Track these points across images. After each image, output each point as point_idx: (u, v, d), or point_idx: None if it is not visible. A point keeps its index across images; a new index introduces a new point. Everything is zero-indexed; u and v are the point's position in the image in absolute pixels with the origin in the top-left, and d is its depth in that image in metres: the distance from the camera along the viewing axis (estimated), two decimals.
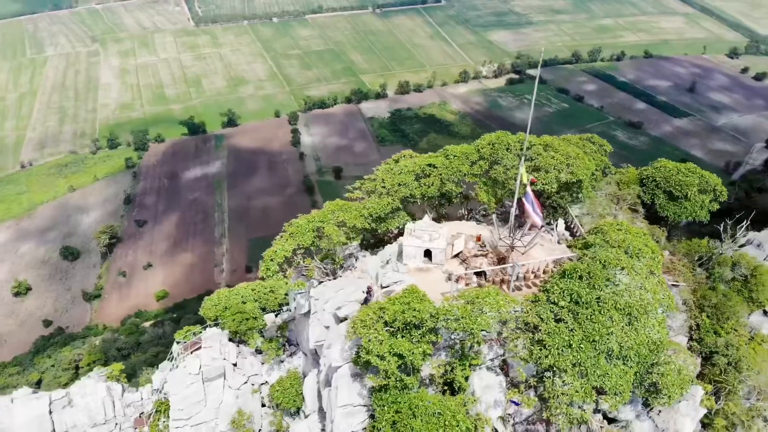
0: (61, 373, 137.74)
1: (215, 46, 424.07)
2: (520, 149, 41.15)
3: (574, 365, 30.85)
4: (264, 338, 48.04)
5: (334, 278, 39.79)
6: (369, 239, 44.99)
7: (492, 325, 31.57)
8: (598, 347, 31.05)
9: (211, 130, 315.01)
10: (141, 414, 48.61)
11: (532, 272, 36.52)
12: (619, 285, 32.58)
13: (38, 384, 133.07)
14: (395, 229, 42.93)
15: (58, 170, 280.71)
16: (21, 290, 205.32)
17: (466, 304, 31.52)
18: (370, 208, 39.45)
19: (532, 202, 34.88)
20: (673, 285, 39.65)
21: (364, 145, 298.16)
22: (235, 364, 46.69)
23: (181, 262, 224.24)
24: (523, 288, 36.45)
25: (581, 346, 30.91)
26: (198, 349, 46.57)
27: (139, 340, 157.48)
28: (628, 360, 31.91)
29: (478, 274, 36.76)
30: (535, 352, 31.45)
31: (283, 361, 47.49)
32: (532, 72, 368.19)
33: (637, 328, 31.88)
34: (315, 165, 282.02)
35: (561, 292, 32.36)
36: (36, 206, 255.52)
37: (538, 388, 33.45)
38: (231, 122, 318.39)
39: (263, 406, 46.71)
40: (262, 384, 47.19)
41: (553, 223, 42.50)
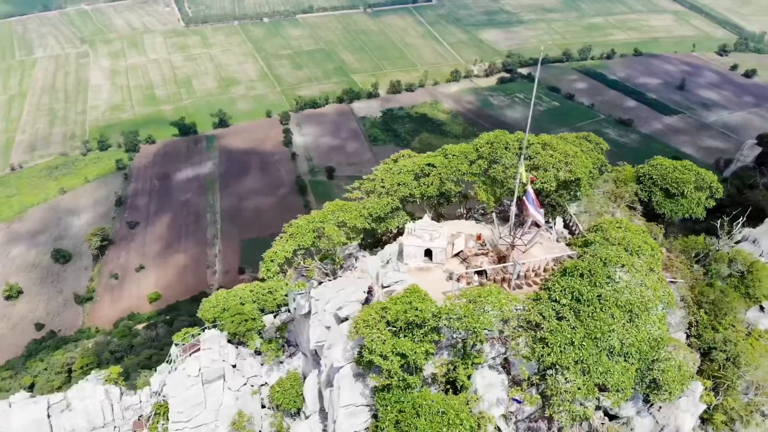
0: (54, 376, 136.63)
1: (205, 47, 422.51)
2: (518, 148, 41.30)
3: (577, 362, 30.98)
4: (263, 339, 47.93)
5: (334, 278, 39.75)
6: (367, 239, 44.97)
7: (494, 324, 31.64)
8: (599, 344, 31.22)
9: (202, 131, 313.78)
10: (140, 417, 48.36)
11: (533, 270, 36.64)
12: (620, 282, 32.77)
13: (31, 388, 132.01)
14: (395, 229, 42.96)
15: (48, 172, 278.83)
16: (12, 293, 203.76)
17: (468, 303, 31.58)
18: (370, 208, 39.47)
19: (533, 201, 35.00)
20: (671, 282, 39.88)
21: (357, 145, 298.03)
22: (235, 366, 46.53)
23: (174, 264, 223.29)
24: (523, 286, 36.56)
25: (583, 344, 31.05)
26: (197, 351, 46.36)
27: (132, 343, 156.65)
28: (630, 357, 32.10)
29: (479, 273, 36.83)
30: (538, 350, 31.56)
31: (283, 362, 47.36)
32: (523, 71, 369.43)
33: (638, 325, 32.09)
34: (307, 165, 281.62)
35: (562, 290, 32.49)
36: (26, 209, 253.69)
37: (539, 386, 33.57)
38: (222, 123, 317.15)
39: (263, 407, 46.59)
40: (262, 385, 47.07)
41: (552, 222, 42.66)
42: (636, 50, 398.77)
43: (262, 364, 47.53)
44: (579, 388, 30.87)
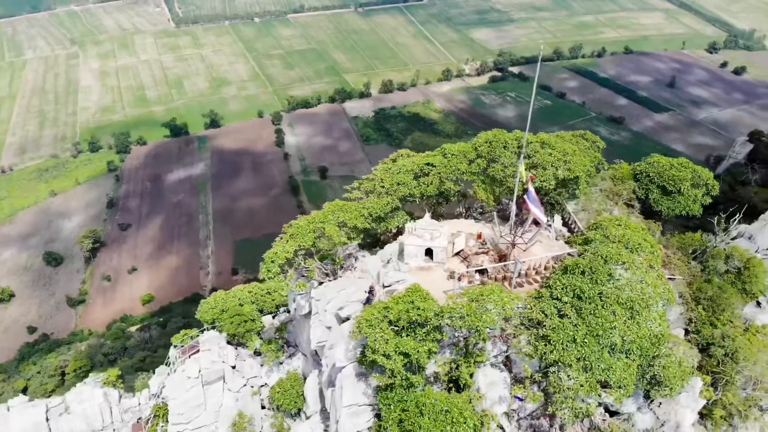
0: (48, 380, 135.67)
1: (196, 47, 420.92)
2: (516, 147, 41.44)
3: (579, 360, 31.12)
4: (263, 340, 47.88)
5: (334, 279, 39.72)
6: (366, 239, 44.96)
7: (496, 322, 31.75)
8: (601, 341, 31.36)
9: (194, 132, 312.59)
10: (139, 419, 48.19)
11: (534, 269, 36.78)
12: (621, 280, 32.93)
13: (24, 391, 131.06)
14: (394, 229, 43.00)
15: (38, 175, 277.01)
16: (4, 297, 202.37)
17: (470, 301, 31.67)
18: (370, 208, 39.49)
19: (535, 200, 35.13)
20: (669, 278, 40.10)
21: (349, 145, 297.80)
22: (234, 367, 46.47)
23: (166, 266, 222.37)
24: (524, 285, 36.70)
25: (585, 341, 31.19)
26: (196, 353, 46.27)
27: (126, 345, 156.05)
28: (631, 353, 32.26)
29: (480, 272, 36.93)
30: (540, 348, 31.67)
31: (282, 363, 47.32)
32: (515, 70, 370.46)
33: (639, 322, 32.25)
34: (300, 165, 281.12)
35: (564, 288, 32.62)
36: (17, 212, 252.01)
37: (541, 383, 33.72)
38: (214, 123, 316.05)
39: (263, 408, 46.54)
40: (262, 386, 47.01)
41: (550, 220, 42.80)
42: (626, 48, 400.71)
43: (262, 365, 47.48)
44: (581, 385, 31.01)
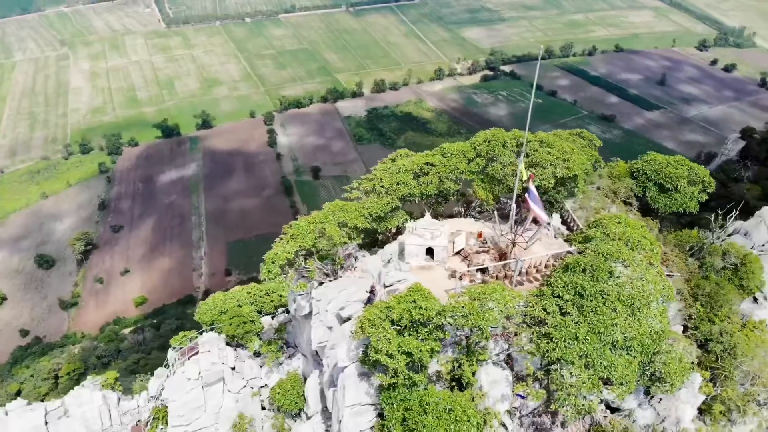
0: (41, 383, 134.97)
1: (187, 48, 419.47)
2: (515, 146, 41.60)
3: (581, 357, 31.28)
4: (262, 341, 47.82)
5: (334, 279, 39.71)
6: (365, 239, 44.97)
7: (499, 320, 31.87)
8: (603, 338, 31.53)
9: (186, 133, 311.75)
10: (138, 422, 48.02)
11: (534, 267, 36.93)
12: (621, 277, 33.11)
13: (17, 395, 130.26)
14: (393, 228, 43.05)
15: (29, 177, 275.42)
16: None
17: (472, 300, 31.76)
18: (370, 208, 39.53)
19: (537, 199, 35.26)
20: (668, 275, 40.35)
21: (342, 144, 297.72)
22: (234, 368, 46.39)
23: (159, 267, 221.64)
24: (524, 283, 36.84)
25: (587, 338, 31.34)
26: (195, 355, 46.16)
27: (119, 348, 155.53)
28: (632, 350, 32.47)
29: (481, 271, 37.04)
30: (543, 346, 31.79)
31: (282, 364, 47.28)
32: (506, 68, 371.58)
33: (639, 319, 32.45)
34: (292, 165, 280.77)
35: (565, 286, 32.76)
36: (8, 214, 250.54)
37: (543, 381, 33.86)
38: (205, 124, 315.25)
39: (263, 409, 46.47)
40: (262, 387, 46.94)
41: (549, 218, 42.95)
42: (617, 46, 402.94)
43: (262, 366, 47.42)
44: (584, 382, 31.17)
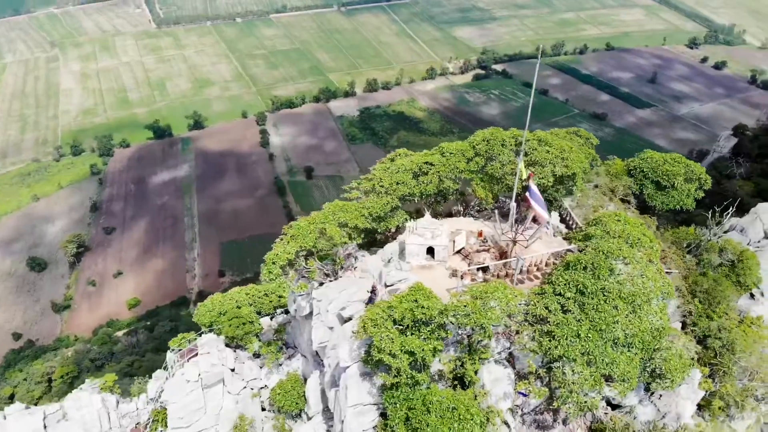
0: (34, 386, 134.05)
1: (178, 48, 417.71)
2: (514, 145, 41.74)
3: (583, 354, 31.44)
4: (261, 342, 47.72)
5: (335, 279, 39.67)
6: (364, 239, 44.97)
7: (501, 319, 31.96)
8: (604, 336, 31.71)
9: (178, 133, 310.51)
10: (137, 424, 47.73)
11: (535, 265, 37.06)
12: (622, 274, 33.29)
13: (11, 399, 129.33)
14: (393, 228, 43.07)
15: (20, 179, 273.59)
16: None
17: (474, 299, 31.83)
18: (370, 208, 39.55)
19: (538, 198, 35.38)
20: (666, 272, 40.59)
21: (335, 144, 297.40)
22: (233, 370, 46.26)
23: (152, 269, 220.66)
24: (525, 281, 36.96)
25: (589, 335, 31.49)
26: (194, 356, 45.97)
27: (113, 350, 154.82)
28: (633, 347, 32.66)
29: (482, 269, 37.12)
30: (545, 343, 31.91)
31: (282, 365, 47.21)
32: (498, 67, 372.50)
33: (640, 316, 32.64)
34: (285, 165, 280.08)
35: (566, 284, 32.89)
36: None
37: (545, 379, 33.98)
38: (197, 124, 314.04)
39: (264, 410, 46.39)
40: (262, 388, 46.85)
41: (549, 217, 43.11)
42: (608, 45, 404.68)
43: (262, 367, 47.33)
44: (586, 380, 31.32)
